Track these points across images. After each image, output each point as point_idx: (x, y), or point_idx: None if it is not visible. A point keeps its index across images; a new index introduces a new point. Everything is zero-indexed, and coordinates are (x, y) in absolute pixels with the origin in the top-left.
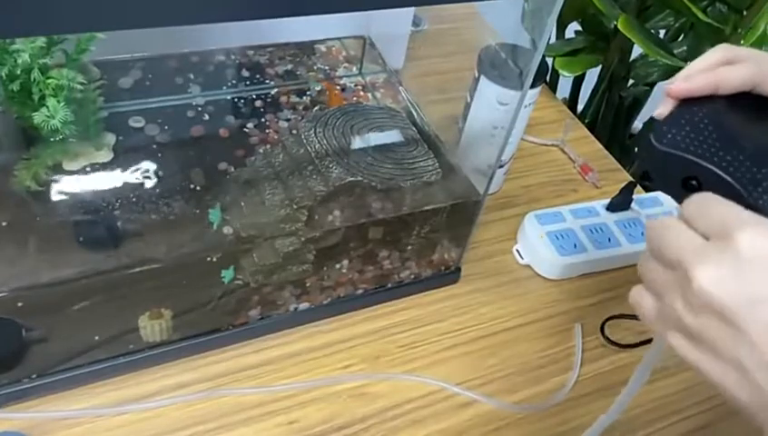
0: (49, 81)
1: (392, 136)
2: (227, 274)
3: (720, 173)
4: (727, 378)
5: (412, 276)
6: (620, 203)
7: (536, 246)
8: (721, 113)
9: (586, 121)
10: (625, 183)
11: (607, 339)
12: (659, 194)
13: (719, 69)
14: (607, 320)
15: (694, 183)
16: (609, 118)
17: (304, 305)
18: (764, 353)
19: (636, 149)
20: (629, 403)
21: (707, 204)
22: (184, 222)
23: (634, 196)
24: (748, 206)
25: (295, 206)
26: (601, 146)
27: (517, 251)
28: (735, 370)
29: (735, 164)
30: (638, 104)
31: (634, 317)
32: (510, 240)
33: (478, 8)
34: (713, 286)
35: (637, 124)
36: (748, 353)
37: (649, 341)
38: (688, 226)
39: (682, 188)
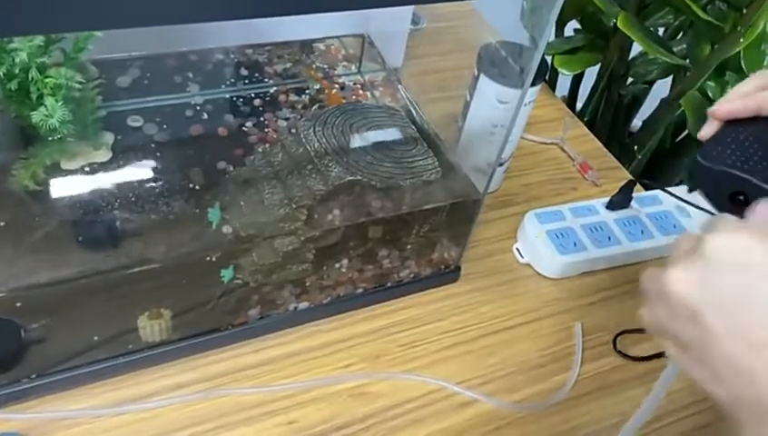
0: (47, 80)
1: (391, 135)
2: (226, 274)
3: (764, 186)
4: (704, 377)
5: (412, 275)
6: (620, 201)
7: (536, 245)
8: (764, 132)
9: (586, 119)
10: (625, 181)
11: (620, 353)
12: (658, 193)
13: (762, 92)
14: (619, 334)
15: (741, 197)
16: (608, 116)
17: (304, 305)
18: (728, 352)
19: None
20: (630, 405)
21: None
22: (183, 221)
23: (633, 194)
24: None
25: (294, 205)
26: (600, 145)
27: (517, 249)
28: (709, 369)
29: None
30: (637, 102)
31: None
32: (510, 238)
33: (477, 6)
34: (681, 289)
35: (636, 123)
36: (717, 353)
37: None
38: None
39: (729, 202)
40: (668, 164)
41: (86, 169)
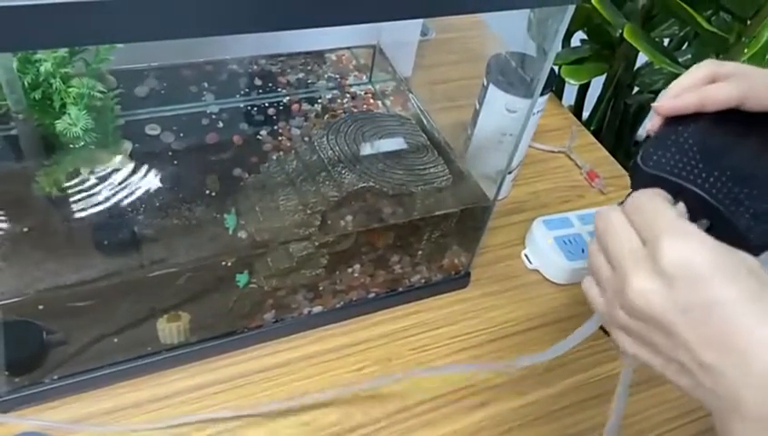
0: (70, 89)
1: (403, 143)
2: (242, 278)
3: (702, 194)
4: (668, 369)
5: (423, 280)
6: None
7: (544, 251)
8: (705, 132)
9: (592, 128)
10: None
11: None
12: None
13: (705, 87)
14: None
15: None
16: (614, 125)
17: (317, 308)
18: (699, 354)
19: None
20: (641, 405)
21: (640, 204)
22: (201, 226)
23: None
24: (730, 226)
25: (309, 211)
26: (607, 153)
27: (526, 256)
28: (679, 370)
29: (718, 185)
30: (643, 111)
31: None
32: (518, 245)
33: (484, 17)
34: (645, 299)
35: (642, 132)
36: (685, 355)
37: None
38: (629, 223)
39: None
40: None
41: (106, 176)
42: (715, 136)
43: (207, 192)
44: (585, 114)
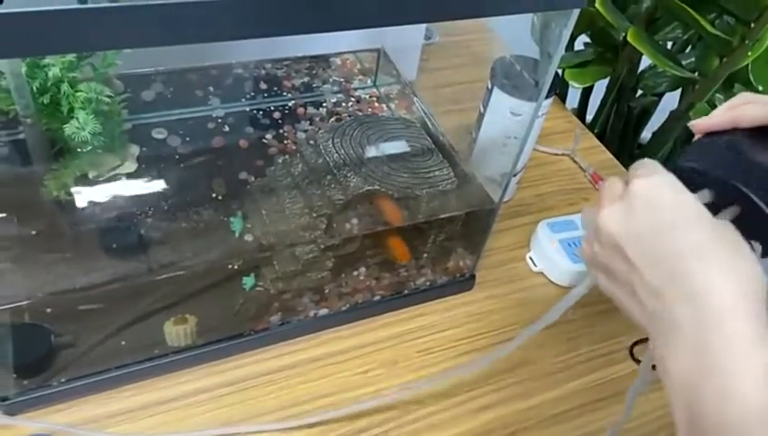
0: (78, 94)
1: (408, 146)
2: (248, 281)
3: (737, 184)
4: (627, 302)
5: (428, 283)
6: None
7: (549, 254)
8: (739, 138)
9: (596, 131)
10: None
11: (637, 360)
12: None
13: (739, 107)
14: (636, 343)
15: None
16: (618, 128)
17: (323, 311)
18: (647, 275)
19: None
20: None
21: (643, 162)
22: (207, 230)
23: None
24: (760, 213)
25: (314, 214)
26: (611, 156)
27: (530, 258)
28: (630, 294)
29: (752, 178)
30: (647, 114)
31: None
32: (523, 247)
33: (488, 21)
34: (607, 223)
35: (646, 135)
36: (635, 276)
37: None
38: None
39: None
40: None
41: (113, 180)
42: (749, 141)
43: (213, 195)
44: (589, 117)
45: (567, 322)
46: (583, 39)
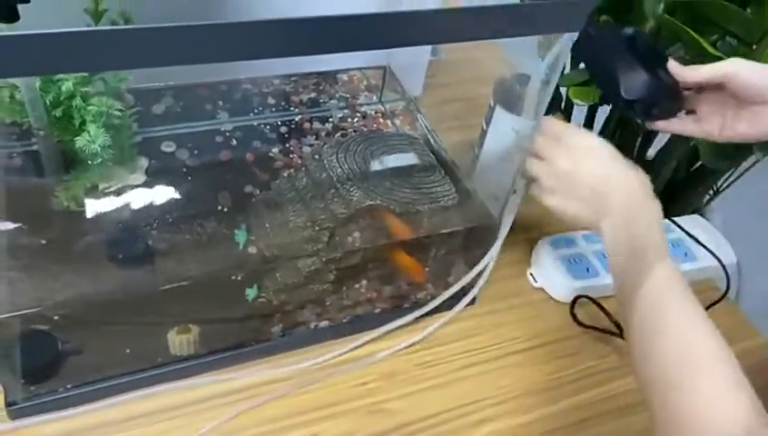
0: (90, 108)
1: (410, 161)
2: (251, 292)
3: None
4: (577, 206)
5: (429, 297)
6: None
7: (550, 270)
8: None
9: None
10: None
11: (574, 317)
12: (670, 224)
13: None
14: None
15: None
16: (624, 146)
17: (324, 323)
18: (595, 186)
19: None
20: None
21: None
22: (212, 241)
23: None
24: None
25: (317, 228)
26: None
27: (531, 274)
28: (579, 199)
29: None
30: (653, 132)
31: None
32: (524, 263)
33: (494, 40)
34: (562, 163)
35: (651, 152)
36: (586, 190)
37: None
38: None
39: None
40: (683, 194)
41: (122, 192)
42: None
43: (219, 207)
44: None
45: (567, 338)
46: None
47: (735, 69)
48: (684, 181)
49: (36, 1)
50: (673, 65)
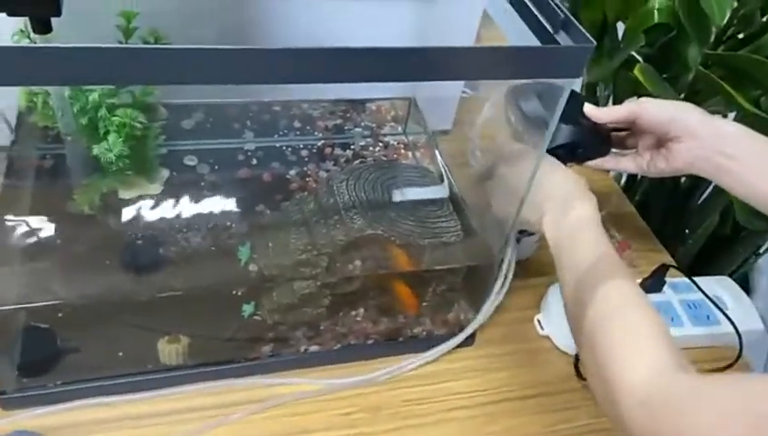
0: (114, 118)
1: (419, 194)
2: (247, 309)
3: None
4: (530, 214)
5: (425, 333)
6: (652, 284)
7: (558, 319)
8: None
9: (637, 199)
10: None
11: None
12: (691, 285)
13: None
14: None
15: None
16: (663, 197)
17: (314, 348)
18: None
19: None
20: None
21: None
22: (216, 255)
23: (666, 280)
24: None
25: (315, 252)
26: (645, 225)
27: (538, 321)
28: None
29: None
30: (696, 187)
31: None
32: (533, 309)
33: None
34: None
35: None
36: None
37: None
38: None
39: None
40: (723, 251)
41: (137, 200)
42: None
43: (228, 223)
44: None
45: (566, 391)
46: None
47: (642, 107)
48: (728, 238)
49: (71, 15)
50: (588, 108)
